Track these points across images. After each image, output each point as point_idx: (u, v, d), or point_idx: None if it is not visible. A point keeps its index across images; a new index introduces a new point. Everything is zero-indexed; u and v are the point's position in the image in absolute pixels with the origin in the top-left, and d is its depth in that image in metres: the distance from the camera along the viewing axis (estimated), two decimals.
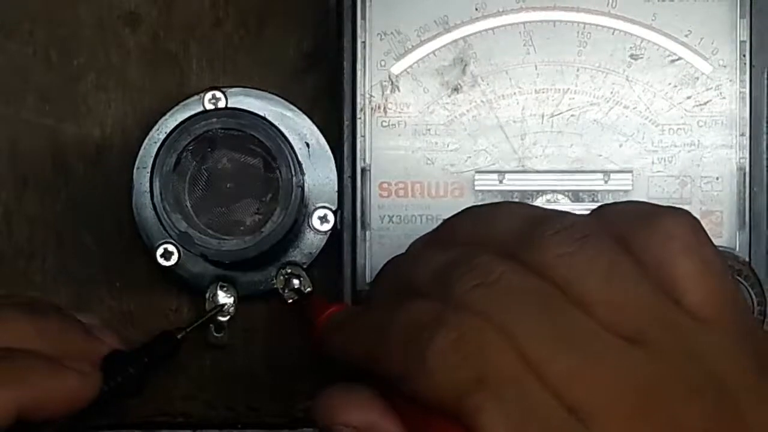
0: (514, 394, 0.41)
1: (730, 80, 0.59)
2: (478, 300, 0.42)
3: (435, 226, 0.49)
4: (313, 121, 0.61)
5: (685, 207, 0.55)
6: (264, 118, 0.58)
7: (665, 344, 0.42)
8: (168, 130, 0.58)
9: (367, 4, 0.58)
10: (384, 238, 0.59)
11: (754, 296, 0.57)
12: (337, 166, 0.60)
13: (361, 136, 0.59)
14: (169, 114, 0.61)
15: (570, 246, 0.43)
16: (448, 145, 0.59)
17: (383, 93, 0.59)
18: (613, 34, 0.59)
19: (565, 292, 0.42)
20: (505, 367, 0.41)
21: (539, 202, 0.58)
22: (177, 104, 0.61)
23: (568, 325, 0.42)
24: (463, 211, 0.48)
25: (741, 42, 0.58)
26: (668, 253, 0.43)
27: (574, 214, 0.45)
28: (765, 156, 0.59)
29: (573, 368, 0.41)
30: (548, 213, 0.45)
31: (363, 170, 0.59)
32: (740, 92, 0.58)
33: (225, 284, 0.61)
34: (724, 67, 0.59)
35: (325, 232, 0.60)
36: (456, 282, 0.43)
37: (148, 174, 0.57)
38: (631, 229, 0.44)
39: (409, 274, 0.46)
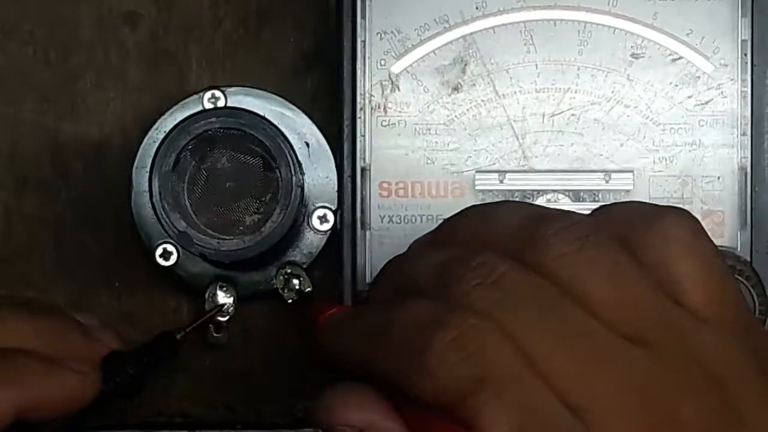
0: (515, 393, 0.40)
1: (732, 79, 0.58)
2: (479, 299, 0.42)
3: (435, 226, 0.49)
4: (313, 121, 0.61)
5: (687, 207, 0.56)
6: (263, 118, 0.58)
7: (666, 344, 0.42)
8: (167, 130, 0.58)
9: (367, 3, 0.58)
10: (384, 238, 0.59)
11: (755, 296, 0.57)
12: (336, 166, 0.60)
13: (361, 135, 0.59)
14: (168, 113, 0.61)
15: (571, 245, 0.43)
16: (448, 145, 0.59)
17: (383, 92, 0.59)
18: (613, 33, 0.58)
19: (567, 291, 0.42)
20: (506, 367, 0.41)
21: (540, 201, 0.58)
22: (176, 104, 0.61)
23: (569, 324, 0.42)
24: (463, 210, 0.48)
25: (742, 41, 0.58)
26: (668, 253, 0.43)
27: (575, 213, 0.45)
28: (766, 155, 0.59)
29: (574, 367, 0.41)
30: (549, 212, 0.45)
31: (363, 170, 0.59)
32: (741, 91, 0.58)
33: (224, 284, 0.60)
34: (726, 66, 0.58)
35: (325, 231, 0.60)
36: (457, 281, 0.43)
37: (147, 173, 0.57)
38: (631, 229, 0.44)
39: (409, 273, 0.46)
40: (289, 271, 0.60)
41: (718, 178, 0.59)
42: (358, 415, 0.45)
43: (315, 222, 0.60)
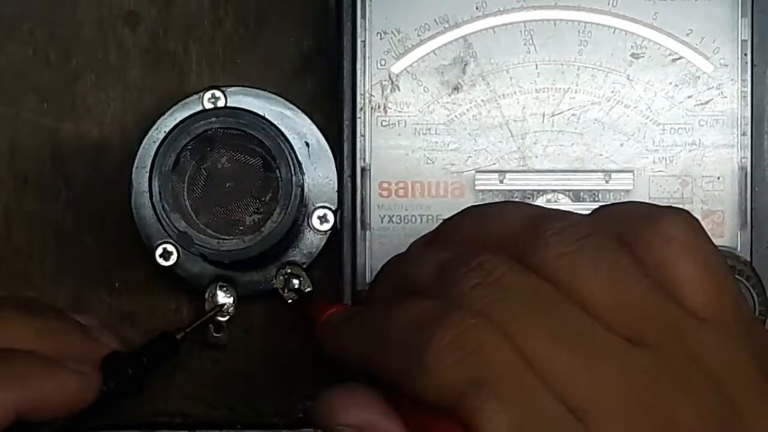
0: (513, 393, 0.40)
1: (732, 79, 0.58)
2: (477, 299, 0.42)
3: (435, 226, 0.49)
4: (313, 121, 0.61)
5: (687, 207, 0.56)
6: (264, 118, 0.58)
7: (665, 344, 0.42)
8: (167, 130, 0.58)
9: (367, 3, 0.58)
10: (384, 238, 0.58)
11: (755, 296, 0.57)
12: (336, 166, 0.60)
13: (361, 135, 0.59)
14: (168, 113, 0.61)
15: (570, 246, 0.43)
16: (448, 145, 0.59)
17: (383, 92, 0.59)
18: (614, 33, 0.58)
19: (566, 292, 0.42)
20: (504, 367, 0.41)
21: (540, 201, 0.58)
22: (176, 103, 0.61)
23: (569, 325, 0.42)
24: (463, 210, 0.48)
25: (742, 41, 0.58)
26: (668, 254, 0.43)
27: (575, 214, 0.45)
28: (766, 155, 0.59)
29: (573, 367, 0.41)
30: (549, 212, 0.45)
31: (363, 170, 0.59)
32: (741, 91, 0.58)
33: (224, 284, 0.60)
34: (726, 66, 0.58)
35: (325, 231, 0.60)
36: (456, 281, 0.43)
37: (147, 173, 0.57)
38: (631, 229, 0.44)
39: (408, 273, 0.46)
40: (289, 271, 0.60)
41: (718, 178, 0.59)
42: (357, 415, 0.45)
43: (315, 222, 0.60)
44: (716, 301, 0.43)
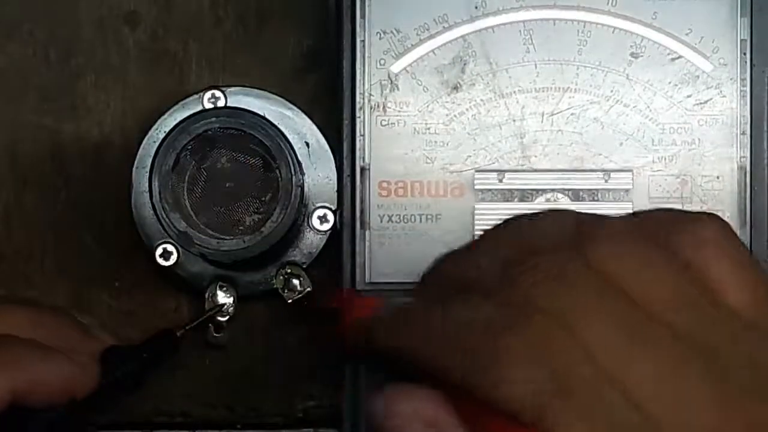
0: (593, 404, 0.40)
1: (731, 79, 0.58)
2: (544, 299, 0.42)
3: (435, 225, 0.49)
4: (313, 121, 0.61)
5: (686, 206, 0.56)
6: (264, 118, 0.58)
7: (724, 349, 0.42)
8: (167, 130, 0.58)
9: (367, 2, 0.58)
10: (384, 238, 0.58)
11: None
12: (336, 166, 0.60)
13: (361, 135, 0.59)
14: (168, 113, 0.61)
15: (625, 247, 0.43)
16: (447, 144, 0.59)
17: (383, 92, 0.59)
18: (613, 32, 0.58)
19: (633, 298, 0.42)
20: (582, 375, 0.41)
21: (539, 200, 0.58)
22: (176, 103, 0.61)
23: (639, 331, 0.41)
24: (511, 218, 0.48)
25: (742, 40, 0.58)
26: (703, 257, 0.43)
27: (621, 219, 0.45)
28: (766, 155, 0.59)
29: (649, 377, 0.41)
30: (599, 217, 0.45)
31: (362, 169, 0.59)
32: (741, 91, 0.58)
33: (224, 284, 0.61)
34: (725, 65, 0.59)
35: (325, 231, 0.60)
36: (521, 281, 0.43)
37: (147, 173, 0.57)
38: (667, 235, 0.44)
39: (468, 270, 0.46)
40: (289, 271, 0.60)
41: (718, 177, 0.59)
42: (423, 405, 0.44)
43: (315, 222, 0.60)
44: (758, 301, 0.43)
